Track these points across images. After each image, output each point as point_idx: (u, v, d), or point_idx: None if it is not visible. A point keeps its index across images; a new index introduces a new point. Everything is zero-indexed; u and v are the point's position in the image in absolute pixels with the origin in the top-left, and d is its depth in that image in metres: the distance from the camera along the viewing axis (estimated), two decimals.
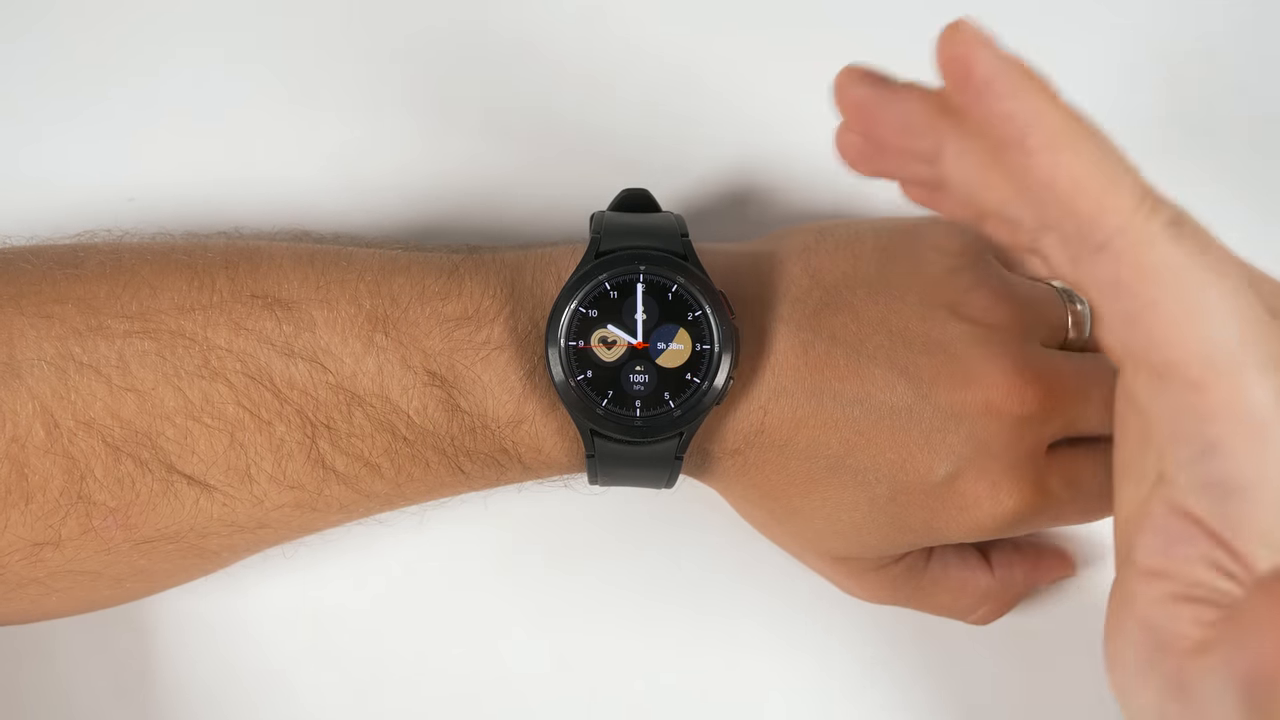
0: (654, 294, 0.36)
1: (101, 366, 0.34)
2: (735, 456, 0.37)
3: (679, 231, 0.36)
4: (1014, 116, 0.25)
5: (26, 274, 0.35)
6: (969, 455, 0.36)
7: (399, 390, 0.35)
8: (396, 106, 0.43)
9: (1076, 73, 0.44)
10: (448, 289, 0.36)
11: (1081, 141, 0.25)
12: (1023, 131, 0.25)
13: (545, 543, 0.43)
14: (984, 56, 0.25)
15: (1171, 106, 0.44)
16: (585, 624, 0.43)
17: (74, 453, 0.34)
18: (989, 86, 0.25)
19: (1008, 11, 0.43)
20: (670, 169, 0.43)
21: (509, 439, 0.36)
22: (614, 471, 0.37)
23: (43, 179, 0.42)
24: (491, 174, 0.43)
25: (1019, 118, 0.25)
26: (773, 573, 0.43)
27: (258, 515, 0.36)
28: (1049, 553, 0.42)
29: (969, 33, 0.25)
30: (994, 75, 0.25)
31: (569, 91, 0.43)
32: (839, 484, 0.36)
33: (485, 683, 0.43)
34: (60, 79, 0.42)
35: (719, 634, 0.43)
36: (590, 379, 0.35)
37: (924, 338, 0.36)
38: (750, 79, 0.43)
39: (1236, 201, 0.44)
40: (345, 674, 0.43)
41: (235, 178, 0.43)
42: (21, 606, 0.36)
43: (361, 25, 0.43)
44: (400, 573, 0.43)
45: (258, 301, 0.35)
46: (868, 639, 0.43)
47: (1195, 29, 0.44)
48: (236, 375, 0.35)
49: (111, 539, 0.35)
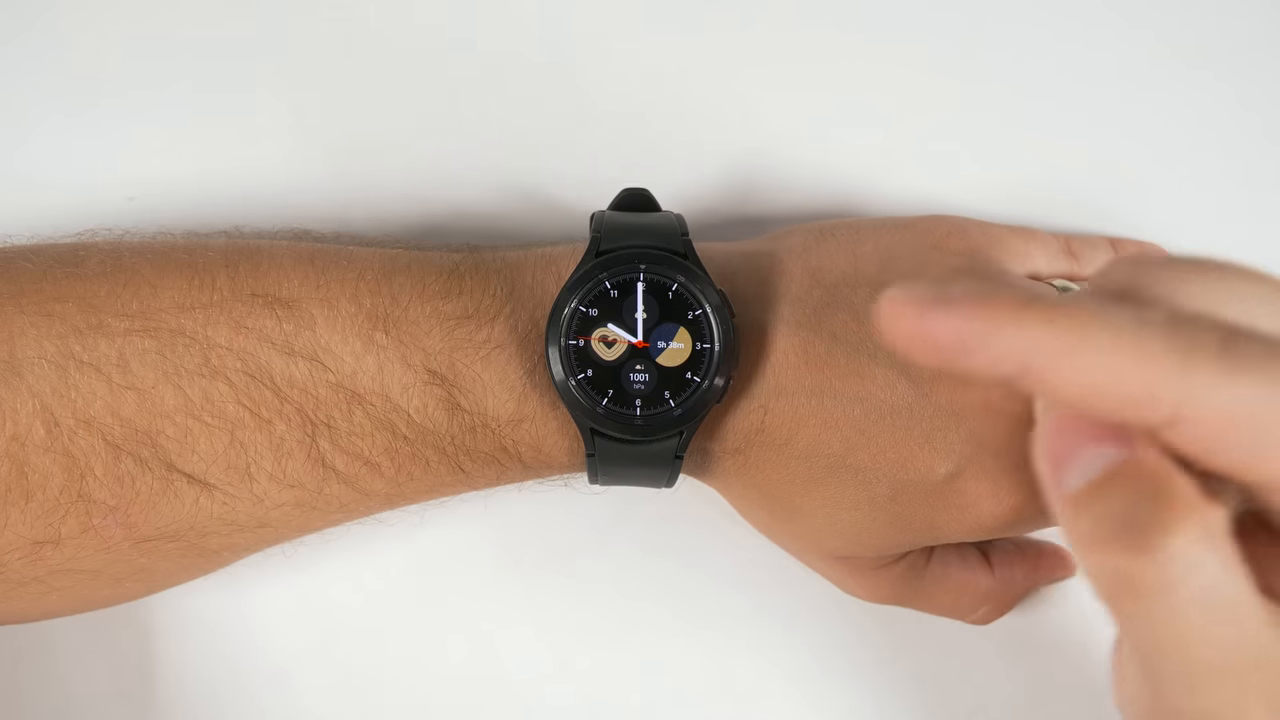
0: (654, 293, 0.36)
1: (102, 365, 0.34)
2: (735, 456, 0.37)
3: (679, 231, 0.36)
4: (1003, 357, 0.22)
5: (27, 272, 0.35)
6: (970, 454, 0.36)
7: (399, 389, 0.35)
8: (397, 106, 0.43)
9: (1077, 73, 0.44)
10: (448, 288, 0.36)
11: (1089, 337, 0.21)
12: (1023, 364, 0.22)
13: (545, 542, 0.43)
14: (936, 320, 0.22)
15: (1175, 107, 0.44)
16: (585, 623, 0.43)
17: (74, 451, 0.34)
18: (963, 344, 0.22)
19: (1008, 12, 0.44)
20: (670, 169, 0.43)
21: (509, 438, 0.36)
22: (614, 470, 0.37)
23: (43, 179, 0.42)
24: (491, 174, 0.43)
25: (1009, 354, 0.22)
26: (773, 572, 0.43)
27: (258, 514, 0.36)
28: (1049, 553, 0.42)
29: (906, 303, 0.22)
30: (958, 331, 0.22)
31: (569, 91, 0.43)
32: (839, 483, 0.36)
33: (485, 682, 0.43)
34: (60, 79, 0.42)
35: (719, 634, 0.43)
36: (590, 378, 0.35)
37: None
38: (750, 79, 0.43)
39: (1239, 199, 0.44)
40: (345, 673, 0.43)
41: (235, 177, 0.43)
42: (22, 605, 0.36)
43: (361, 26, 0.43)
44: (400, 572, 0.43)
45: (258, 300, 0.35)
46: (868, 639, 0.43)
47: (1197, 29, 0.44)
48: (237, 374, 0.35)
49: (111, 538, 0.35)
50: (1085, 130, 0.44)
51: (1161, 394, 0.21)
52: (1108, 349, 0.21)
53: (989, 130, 0.44)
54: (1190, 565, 0.21)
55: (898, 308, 0.22)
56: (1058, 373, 0.21)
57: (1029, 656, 0.43)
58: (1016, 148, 0.44)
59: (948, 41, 0.44)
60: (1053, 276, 0.40)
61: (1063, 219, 0.44)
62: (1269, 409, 0.21)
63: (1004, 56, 0.44)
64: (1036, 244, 0.40)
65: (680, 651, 0.43)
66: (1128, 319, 0.21)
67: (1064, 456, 0.23)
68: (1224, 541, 0.21)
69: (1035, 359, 0.21)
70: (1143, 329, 0.21)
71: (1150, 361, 0.21)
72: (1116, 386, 0.21)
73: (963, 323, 0.21)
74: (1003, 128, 0.44)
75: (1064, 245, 0.41)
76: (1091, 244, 0.42)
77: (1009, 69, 0.44)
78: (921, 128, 0.44)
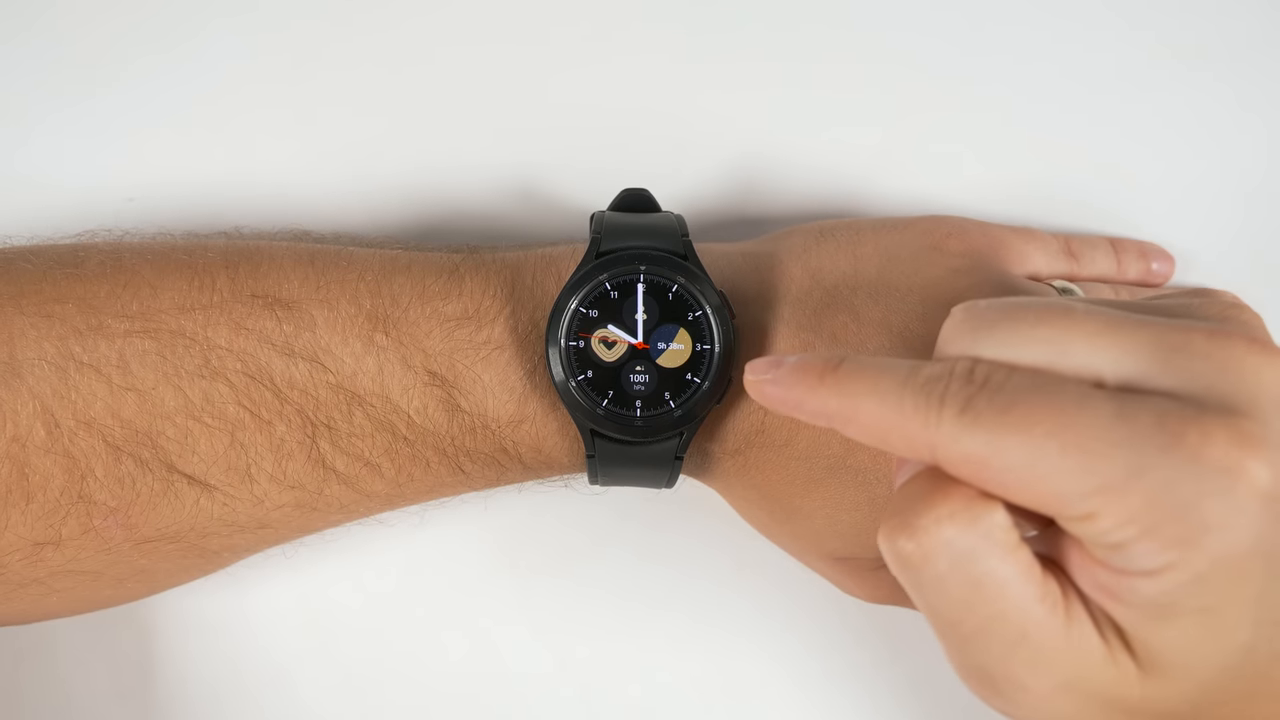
0: (654, 294, 0.36)
1: (102, 366, 0.34)
2: (735, 457, 0.37)
3: (679, 231, 0.36)
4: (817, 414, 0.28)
5: (27, 274, 0.35)
6: None
7: (399, 390, 0.35)
8: (397, 107, 0.43)
9: (1079, 75, 0.44)
10: (448, 289, 0.36)
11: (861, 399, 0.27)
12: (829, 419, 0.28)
13: (545, 543, 0.43)
14: (771, 392, 0.28)
15: (1177, 107, 0.44)
16: (584, 624, 0.43)
17: (74, 452, 0.34)
18: (793, 405, 0.28)
19: (1008, 13, 0.44)
20: (670, 169, 0.43)
21: (509, 439, 0.36)
22: (614, 471, 0.37)
23: (43, 179, 0.42)
24: (491, 174, 0.43)
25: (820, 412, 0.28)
26: (772, 573, 0.43)
27: (258, 515, 0.36)
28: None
29: (753, 378, 0.29)
30: (784, 398, 0.28)
31: (569, 92, 0.43)
32: (839, 484, 0.37)
33: (484, 681, 0.43)
34: (60, 79, 0.42)
35: (718, 634, 0.43)
36: (590, 379, 0.35)
37: (925, 338, 0.36)
38: (750, 79, 0.43)
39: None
40: (345, 673, 0.43)
41: (235, 178, 0.43)
42: (22, 606, 0.36)
43: (361, 26, 0.43)
44: (400, 573, 0.43)
45: (258, 301, 0.35)
46: (867, 639, 0.43)
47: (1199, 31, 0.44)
48: (237, 375, 0.35)
49: (112, 539, 0.35)
50: (1085, 131, 0.44)
51: (918, 441, 0.26)
52: (875, 408, 0.27)
53: (989, 130, 0.44)
54: (944, 542, 0.26)
55: (750, 381, 0.29)
56: (848, 425, 0.27)
57: None
58: (1017, 148, 0.44)
59: (948, 42, 0.44)
60: (1053, 277, 0.40)
61: (1063, 219, 0.44)
62: (1000, 455, 0.25)
63: (1004, 58, 0.44)
64: (1036, 244, 0.40)
65: (680, 651, 0.43)
66: (893, 382, 0.27)
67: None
68: (991, 528, 0.26)
69: (834, 417, 0.28)
70: (903, 390, 0.26)
71: (905, 417, 0.26)
72: (888, 434, 0.27)
73: (785, 391, 0.28)
74: (1003, 128, 0.44)
75: (1064, 245, 0.41)
76: (1091, 244, 0.42)
77: (1009, 69, 0.44)
78: (921, 128, 0.44)
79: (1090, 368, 0.26)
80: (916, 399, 0.26)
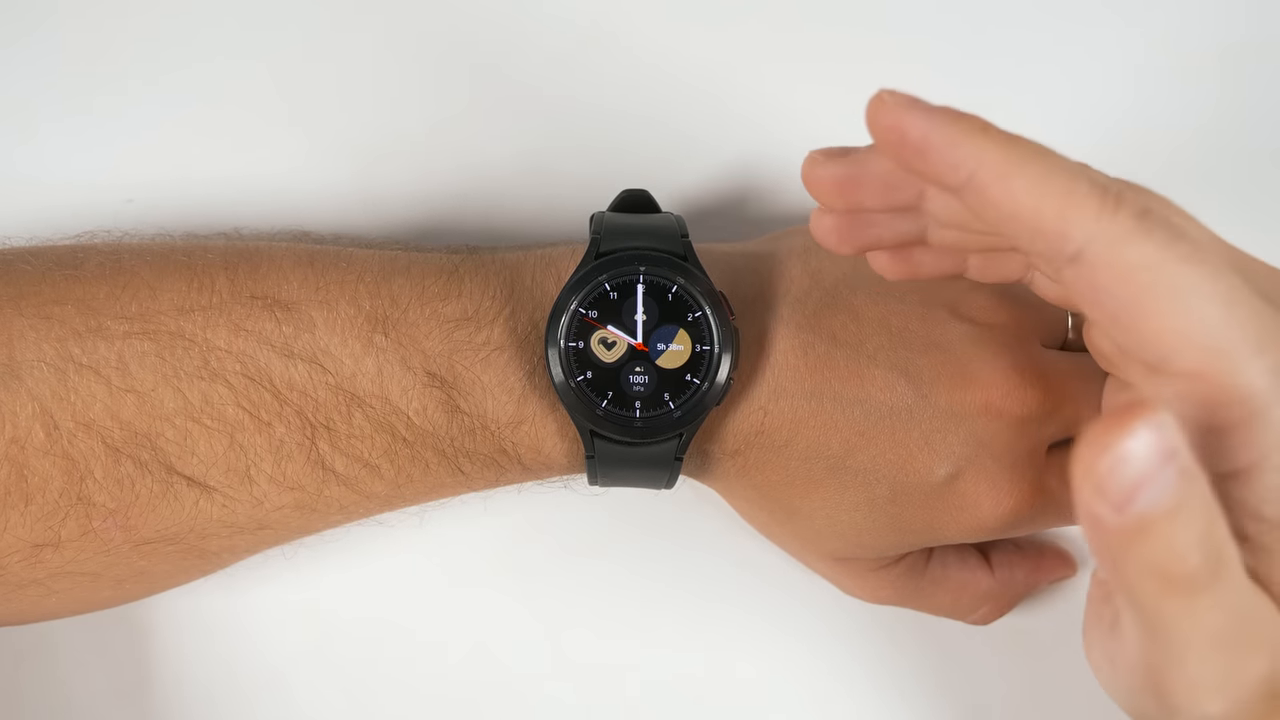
0: (654, 295, 0.36)
1: (101, 368, 0.34)
2: (735, 457, 0.37)
3: (679, 232, 0.36)
4: (957, 165, 0.25)
5: (26, 275, 0.35)
6: (969, 456, 0.36)
7: (399, 391, 0.35)
8: (397, 107, 0.43)
9: (1081, 76, 0.44)
10: (447, 290, 0.36)
11: (1028, 164, 0.25)
12: (970, 174, 0.25)
13: (544, 543, 0.43)
14: (912, 119, 0.26)
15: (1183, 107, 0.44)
16: (584, 624, 0.43)
17: (73, 454, 0.34)
18: (926, 144, 0.26)
19: (1008, 13, 0.44)
20: (670, 169, 0.43)
21: (509, 440, 0.36)
22: (614, 472, 0.37)
23: (43, 179, 0.42)
24: (491, 174, 0.43)
25: (962, 164, 0.25)
26: (773, 574, 0.43)
27: (257, 516, 0.36)
28: (1049, 553, 0.42)
29: (893, 101, 0.26)
30: (926, 133, 0.26)
31: (569, 92, 0.43)
32: (839, 485, 0.36)
33: (484, 683, 0.43)
34: (60, 79, 0.42)
35: (719, 635, 0.43)
36: (590, 380, 0.35)
37: (924, 338, 0.36)
38: (750, 79, 0.43)
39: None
40: (344, 674, 0.43)
41: (235, 178, 0.43)
42: (21, 607, 0.36)
43: (361, 26, 0.43)
44: (400, 573, 0.43)
45: (257, 302, 0.35)
46: (868, 639, 0.43)
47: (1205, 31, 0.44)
48: (236, 376, 0.35)
49: (111, 540, 0.35)
50: (1085, 131, 0.44)
51: (1073, 231, 0.24)
52: (1042, 178, 0.25)
53: None
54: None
55: (886, 101, 0.26)
56: (993, 187, 0.25)
57: (1029, 656, 0.43)
58: None
59: (948, 42, 0.43)
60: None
61: None
62: (1161, 274, 0.24)
63: (1005, 59, 0.44)
64: None
65: (680, 652, 0.43)
66: (1069, 164, 0.25)
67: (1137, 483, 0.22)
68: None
69: (980, 173, 0.25)
70: (1078, 176, 0.25)
71: (1073, 200, 0.24)
72: (1038, 212, 0.25)
73: (932, 128, 0.25)
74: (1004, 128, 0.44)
75: None
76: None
77: (1009, 70, 0.44)
78: None
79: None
80: (1093, 188, 0.25)
